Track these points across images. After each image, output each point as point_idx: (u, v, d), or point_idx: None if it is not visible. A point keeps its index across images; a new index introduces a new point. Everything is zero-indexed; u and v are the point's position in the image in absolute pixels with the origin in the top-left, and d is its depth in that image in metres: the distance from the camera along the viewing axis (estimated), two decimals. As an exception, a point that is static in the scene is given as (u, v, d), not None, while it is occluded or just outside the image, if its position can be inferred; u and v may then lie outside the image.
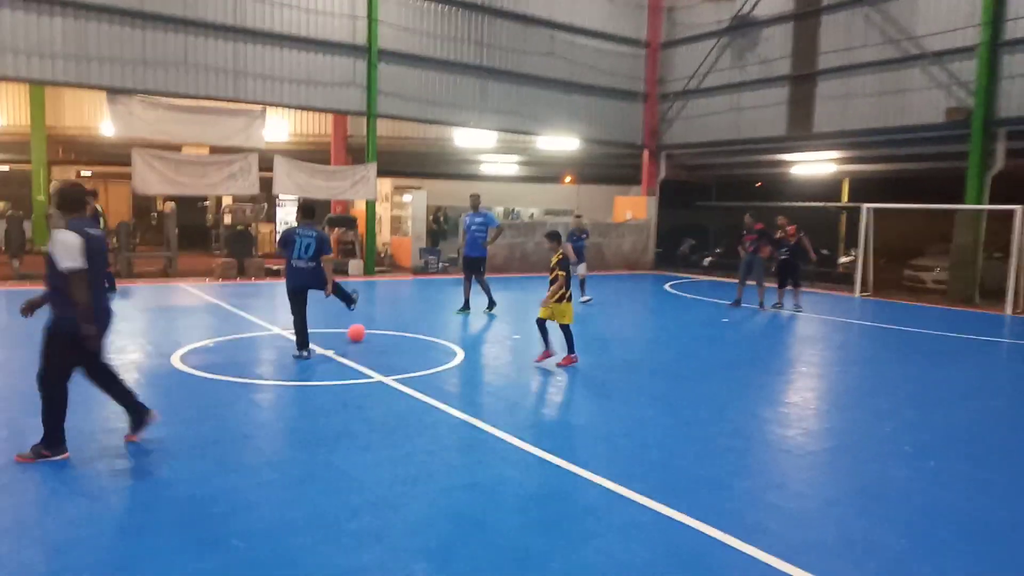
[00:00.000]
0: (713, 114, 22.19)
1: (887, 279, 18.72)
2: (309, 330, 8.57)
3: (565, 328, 8.45)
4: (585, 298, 14.36)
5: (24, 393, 6.80)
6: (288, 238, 8.42)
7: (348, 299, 9.07)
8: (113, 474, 4.85)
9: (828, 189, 26.77)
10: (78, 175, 26.68)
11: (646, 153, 24.00)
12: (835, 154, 21.50)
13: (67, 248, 4.80)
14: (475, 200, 12.88)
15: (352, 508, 4.45)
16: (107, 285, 5.75)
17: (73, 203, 5.06)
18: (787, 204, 24.73)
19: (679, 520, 4.41)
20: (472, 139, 24.86)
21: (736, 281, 14.71)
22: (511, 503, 4.63)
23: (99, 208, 13.15)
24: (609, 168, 27.99)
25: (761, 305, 14.12)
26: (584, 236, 15.20)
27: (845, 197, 28.09)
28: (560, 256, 8.43)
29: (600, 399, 7.40)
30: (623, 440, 6.00)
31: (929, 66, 17.11)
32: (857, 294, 17.66)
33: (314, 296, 8.63)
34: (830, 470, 5.59)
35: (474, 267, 12.62)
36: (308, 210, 8.80)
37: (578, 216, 16.48)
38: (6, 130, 23.82)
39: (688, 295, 16.90)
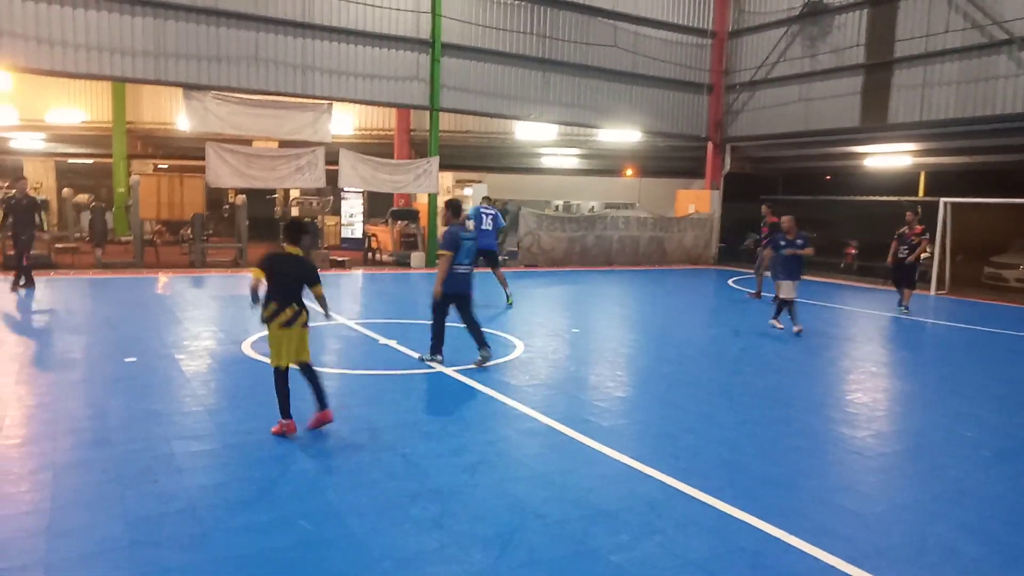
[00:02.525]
0: (781, 105, 21.57)
1: (965, 276, 17.86)
2: (387, 320, 8.62)
3: (306, 370, 5.64)
4: (796, 327, 10.69)
5: (107, 374, 7.16)
6: (456, 240, 7.59)
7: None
8: (189, 455, 5.06)
9: (903, 183, 25.66)
10: (155, 168, 27.85)
11: (710, 146, 23.53)
12: (911, 146, 20.59)
13: None
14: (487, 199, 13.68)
15: (413, 494, 4.53)
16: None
17: None
18: (858, 198, 23.90)
19: (741, 518, 4.33)
20: (533, 132, 24.86)
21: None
22: (571, 495, 4.63)
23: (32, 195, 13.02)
24: (671, 161, 27.56)
25: (756, 295, 14.61)
26: (798, 243, 10.61)
27: (921, 191, 26.92)
28: (302, 250, 5.59)
29: (661, 394, 7.31)
30: (685, 436, 5.92)
31: (1018, 52, 16.20)
32: (933, 292, 16.93)
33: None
34: (903, 474, 5.39)
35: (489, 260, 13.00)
36: (458, 209, 7.89)
37: (781, 216, 11.44)
38: (89, 125, 25.08)
39: (752, 290, 16.50)
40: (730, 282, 18.37)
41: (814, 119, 20.68)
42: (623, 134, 23.46)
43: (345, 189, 21.40)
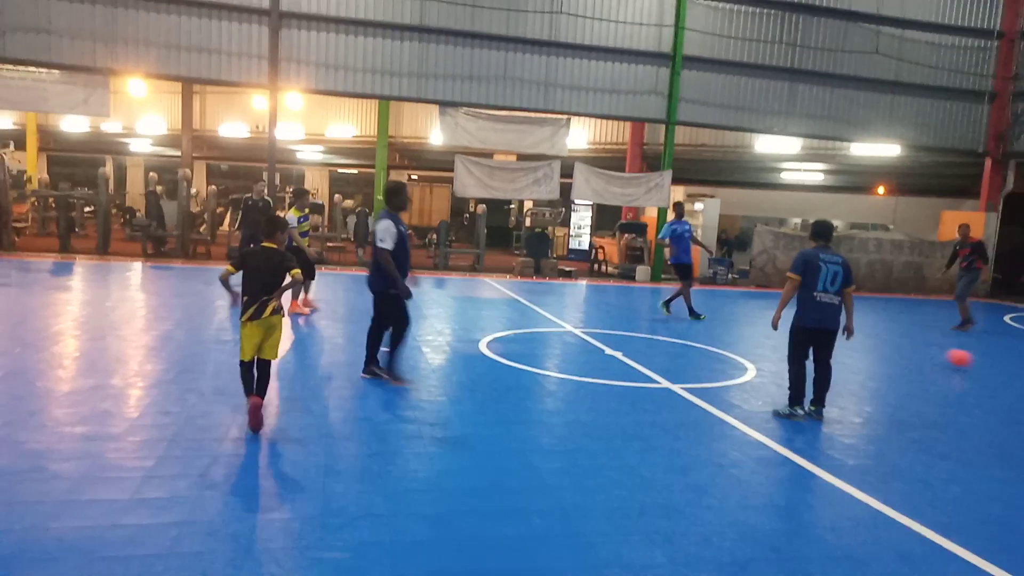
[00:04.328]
0: (1087, 115, 18.29)
1: None
2: (611, 332, 8.76)
3: (262, 366, 5.44)
4: None
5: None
6: (812, 263, 6.54)
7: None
8: (435, 440, 5.52)
9: None
10: (409, 178, 30.72)
11: (988, 161, 20.60)
12: None
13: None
14: (680, 209, 12.96)
15: (641, 506, 4.52)
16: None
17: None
18: None
19: (1022, 591, 3.75)
20: (773, 146, 23.59)
21: None
22: (810, 532, 4.33)
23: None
24: (936, 178, 24.60)
25: (961, 324, 13.06)
26: None
27: None
28: (277, 243, 5.50)
29: (917, 437, 6.54)
30: (947, 486, 5.24)
31: None
32: None
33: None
34: None
35: (687, 274, 12.67)
36: (826, 229, 6.81)
37: None
38: (358, 139, 28.36)
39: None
40: (1007, 319, 15.94)
41: None
42: (879, 148, 21.39)
43: (576, 201, 21.93)
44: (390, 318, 6.98)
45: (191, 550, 3.63)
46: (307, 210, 10.55)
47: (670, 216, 13.18)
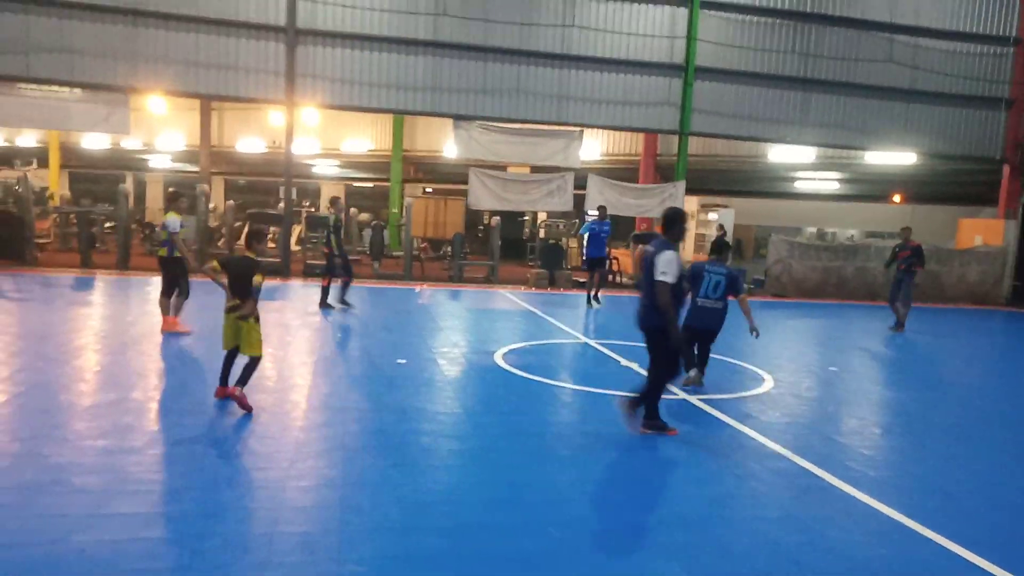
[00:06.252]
0: (1107, 120, 18.07)
1: None
2: (626, 343, 8.71)
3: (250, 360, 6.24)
4: None
5: (384, 373, 8.03)
6: (698, 273, 7.78)
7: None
8: (452, 452, 5.53)
9: None
10: (424, 191, 30.90)
11: (1007, 168, 20.40)
12: None
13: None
14: (603, 211, 15.30)
15: (660, 519, 4.50)
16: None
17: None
18: None
19: (1048, 604, 3.69)
20: (787, 155, 23.53)
21: None
22: (831, 545, 4.29)
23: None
24: (953, 186, 24.40)
25: (899, 326, 13.34)
26: None
27: None
28: (255, 253, 6.34)
29: (940, 448, 6.47)
30: (969, 497, 5.18)
31: None
32: None
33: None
34: None
35: (600, 265, 15.22)
36: (719, 246, 8.14)
37: None
38: (373, 153, 28.61)
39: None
40: (1027, 327, 15.73)
41: None
42: (894, 156, 21.26)
43: (589, 212, 21.93)
44: (660, 359, 6.14)
45: (210, 563, 3.66)
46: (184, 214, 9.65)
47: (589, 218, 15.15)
